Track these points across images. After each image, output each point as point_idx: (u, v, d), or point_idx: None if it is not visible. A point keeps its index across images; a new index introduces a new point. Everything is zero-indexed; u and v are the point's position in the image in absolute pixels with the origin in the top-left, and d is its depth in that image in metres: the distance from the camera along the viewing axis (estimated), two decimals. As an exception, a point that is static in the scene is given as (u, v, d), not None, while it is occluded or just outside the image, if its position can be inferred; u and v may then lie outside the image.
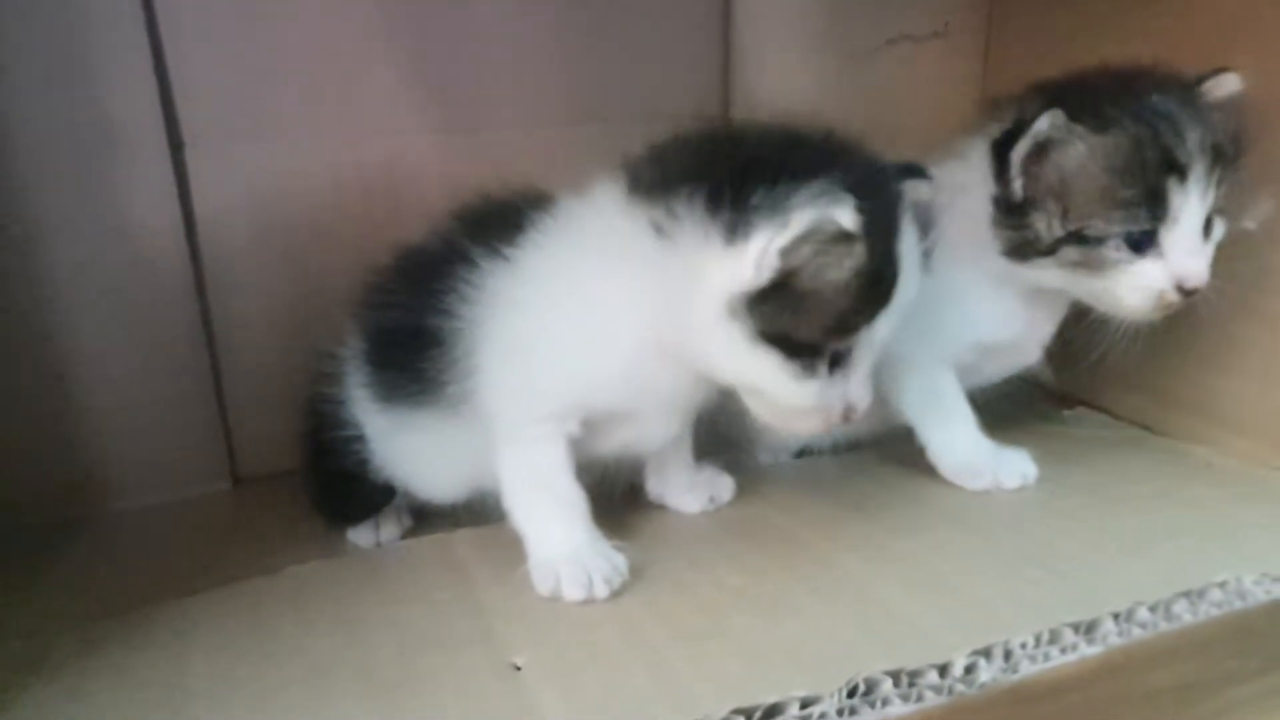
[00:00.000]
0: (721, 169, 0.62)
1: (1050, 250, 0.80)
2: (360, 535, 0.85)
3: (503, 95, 1.02)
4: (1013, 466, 0.85)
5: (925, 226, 0.70)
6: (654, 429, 0.74)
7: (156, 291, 0.93)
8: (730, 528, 0.81)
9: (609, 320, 0.68)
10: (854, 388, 0.66)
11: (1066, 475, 0.87)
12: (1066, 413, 1.05)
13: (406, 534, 0.86)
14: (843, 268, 0.61)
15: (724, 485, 0.84)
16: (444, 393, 0.73)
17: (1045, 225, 0.79)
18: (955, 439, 0.87)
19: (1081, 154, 0.77)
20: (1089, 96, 0.78)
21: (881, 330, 0.66)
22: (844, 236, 0.60)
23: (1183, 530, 0.76)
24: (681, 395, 0.72)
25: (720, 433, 0.92)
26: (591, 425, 0.72)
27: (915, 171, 0.72)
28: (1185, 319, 0.84)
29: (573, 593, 0.68)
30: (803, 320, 0.62)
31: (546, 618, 0.67)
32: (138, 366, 0.94)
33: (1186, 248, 0.77)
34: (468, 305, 0.71)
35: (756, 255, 0.60)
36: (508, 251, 0.71)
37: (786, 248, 0.59)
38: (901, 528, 0.79)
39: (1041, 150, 0.78)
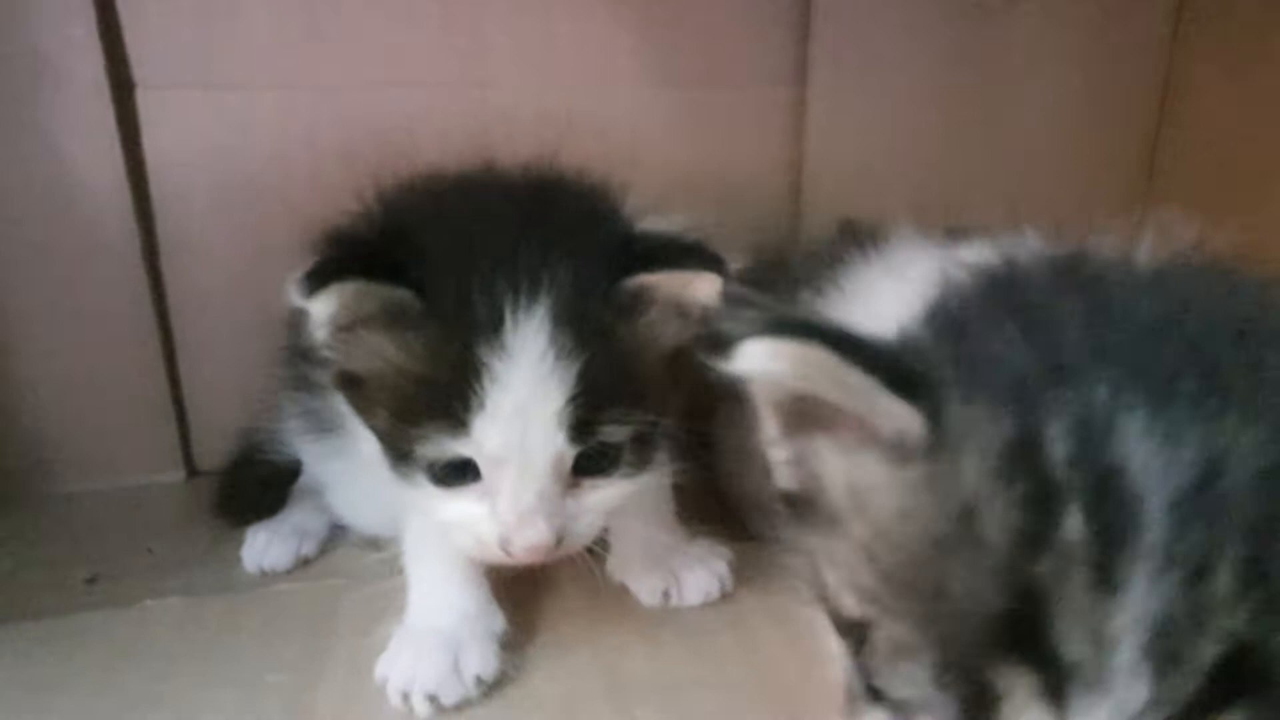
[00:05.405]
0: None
1: None
2: (253, 550, 0.71)
3: (529, 49, 0.84)
4: None
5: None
6: None
7: (98, 252, 0.81)
8: (689, 634, 0.60)
9: None
10: (501, 511, 0.51)
11: None
12: None
13: (302, 562, 0.72)
14: (363, 348, 0.51)
15: (695, 580, 0.62)
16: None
17: None
18: None
19: None
20: None
21: (494, 437, 0.49)
22: (380, 312, 0.50)
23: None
24: None
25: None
26: None
27: (699, 258, 0.52)
28: None
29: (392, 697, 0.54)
30: (365, 405, 0.53)
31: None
32: (75, 335, 0.82)
33: None
34: None
35: (309, 322, 0.52)
36: None
37: (318, 319, 0.50)
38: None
39: None
